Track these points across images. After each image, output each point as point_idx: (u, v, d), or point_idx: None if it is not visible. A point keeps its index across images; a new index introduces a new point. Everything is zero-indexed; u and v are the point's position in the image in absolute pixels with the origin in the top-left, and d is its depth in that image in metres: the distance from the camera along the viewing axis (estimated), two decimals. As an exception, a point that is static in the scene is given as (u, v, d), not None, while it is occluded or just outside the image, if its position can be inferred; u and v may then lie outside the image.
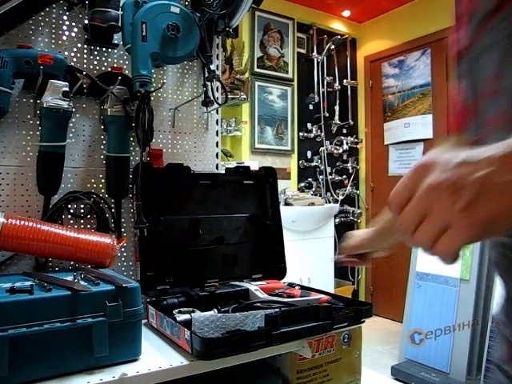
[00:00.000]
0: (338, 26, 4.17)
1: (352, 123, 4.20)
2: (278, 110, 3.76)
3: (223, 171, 1.45)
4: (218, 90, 1.48)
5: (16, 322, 0.80)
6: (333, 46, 3.99)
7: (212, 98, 1.42)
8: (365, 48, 4.29)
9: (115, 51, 1.31)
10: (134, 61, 1.16)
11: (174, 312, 1.07)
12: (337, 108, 4.10)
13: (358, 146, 4.28)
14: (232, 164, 2.63)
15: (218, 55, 1.50)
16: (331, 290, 3.05)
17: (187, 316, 1.03)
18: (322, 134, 3.97)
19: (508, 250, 0.53)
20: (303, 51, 3.99)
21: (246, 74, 3.46)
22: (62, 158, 1.17)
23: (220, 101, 1.49)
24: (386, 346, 3.29)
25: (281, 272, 1.41)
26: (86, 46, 1.26)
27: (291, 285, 1.31)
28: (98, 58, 1.28)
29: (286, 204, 3.21)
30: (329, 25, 4.11)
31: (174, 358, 0.93)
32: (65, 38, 1.23)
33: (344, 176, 4.12)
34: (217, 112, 1.51)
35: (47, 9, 1.20)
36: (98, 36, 1.23)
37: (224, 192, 1.41)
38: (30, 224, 1.02)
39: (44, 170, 1.15)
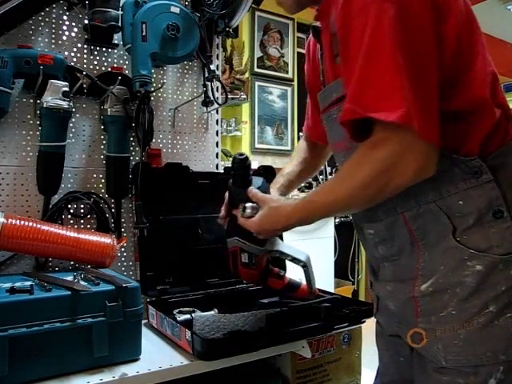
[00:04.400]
0: (337, 25, 4.17)
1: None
2: (277, 110, 3.77)
3: (223, 171, 1.45)
4: (217, 90, 1.47)
5: (16, 322, 0.80)
6: (333, 46, 3.98)
7: (212, 98, 1.42)
8: (365, 48, 4.29)
9: (115, 51, 1.31)
10: (134, 61, 1.16)
11: (174, 312, 1.07)
12: (337, 108, 4.10)
13: (357, 146, 4.28)
14: (232, 164, 2.63)
15: (218, 55, 1.50)
16: (331, 290, 3.04)
17: (188, 316, 1.04)
18: (322, 133, 3.97)
19: (356, 220, 0.95)
20: (303, 51, 4.00)
21: (246, 74, 3.46)
22: (62, 158, 1.17)
23: (220, 101, 1.49)
24: (386, 345, 3.28)
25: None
26: (86, 46, 1.26)
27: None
28: (98, 58, 1.28)
29: (286, 204, 3.21)
30: (329, 25, 4.11)
31: (174, 358, 0.93)
32: (65, 37, 1.23)
33: (344, 176, 4.12)
34: (217, 112, 1.51)
35: (47, 9, 1.20)
36: (98, 36, 1.23)
37: (223, 191, 1.40)
38: (30, 224, 1.02)
39: (44, 170, 1.15)
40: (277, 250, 0.96)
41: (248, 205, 0.92)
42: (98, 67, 1.28)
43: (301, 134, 3.95)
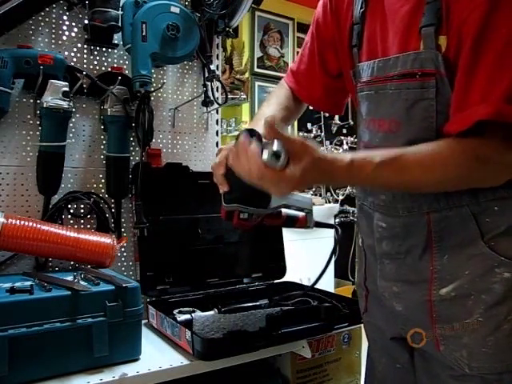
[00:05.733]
0: (337, 25, 4.17)
1: (352, 123, 4.20)
2: (277, 110, 3.76)
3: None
4: (217, 90, 1.47)
5: (16, 322, 0.80)
6: (333, 46, 3.98)
7: (212, 98, 1.42)
8: (365, 48, 4.28)
9: (115, 51, 1.31)
10: (134, 61, 1.16)
11: (174, 312, 1.07)
12: (337, 108, 4.10)
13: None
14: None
15: (218, 55, 1.50)
16: (331, 290, 3.05)
17: (188, 316, 1.04)
18: (322, 133, 3.96)
19: (367, 208, 0.88)
20: (303, 51, 3.99)
21: (246, 74, 3.46)
22: (62, 158, 1.17)
23: (220, 101, 1.49)
24: (386, 345, 3.28)
25: (280, 271, 1.41)
26: (86, 46, 1.26)
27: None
28: (98, 58, 1.28)
29: (286, 204, 3.21)
30: (329, 25, 4.10)
31: (174, 358, 0.93)
32: (65, 37, 1.23)
33: (344, 176, 4.12)
34: (217, 112, 1.51)
35: (47, 9, 1.20)
36: (98, 36, 1.23)
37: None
38: (30, 224, 1.02)
39: (44, 170, 1.15)
40: (283, 204, 0.84)
41: (277, 147, 0.67)
42: (97, 67, 1.28)
43: (301, 134, 3.96)
